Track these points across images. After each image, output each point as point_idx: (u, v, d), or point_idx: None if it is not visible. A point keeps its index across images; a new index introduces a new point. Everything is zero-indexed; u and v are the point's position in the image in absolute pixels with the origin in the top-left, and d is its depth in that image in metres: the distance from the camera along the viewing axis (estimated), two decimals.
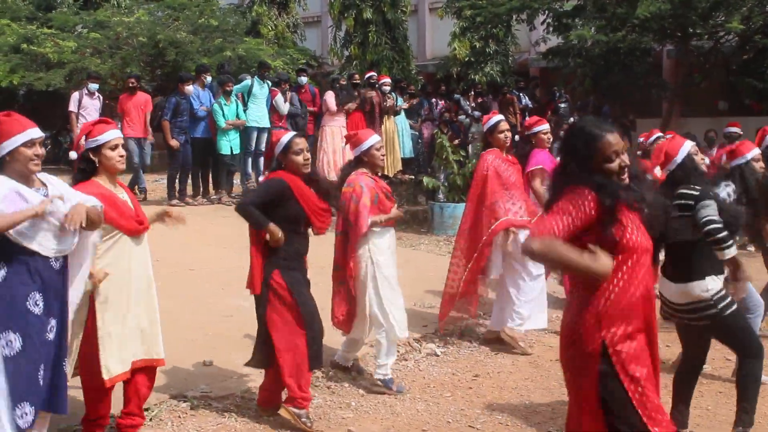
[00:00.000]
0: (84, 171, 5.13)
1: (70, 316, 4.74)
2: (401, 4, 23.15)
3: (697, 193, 5.32)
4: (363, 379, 6.95)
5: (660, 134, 11.79)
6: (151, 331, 5.29)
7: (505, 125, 8.01)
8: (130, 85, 14.38)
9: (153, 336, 5.30)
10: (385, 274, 6.60)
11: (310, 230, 6.07)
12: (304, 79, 15.99)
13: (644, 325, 3.59)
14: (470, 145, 17.11)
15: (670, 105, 18.81)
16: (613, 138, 3.62)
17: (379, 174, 6.92)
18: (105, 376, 5.03)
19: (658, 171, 5.78)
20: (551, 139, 8.96)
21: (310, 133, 15.51)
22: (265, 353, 5.92)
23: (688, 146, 5.50)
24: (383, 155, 6.83)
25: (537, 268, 7.92)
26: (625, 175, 3.62)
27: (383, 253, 6.63)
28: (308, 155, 5.94)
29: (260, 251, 5.84)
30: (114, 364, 5.06)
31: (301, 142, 5.91)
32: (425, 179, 15.49)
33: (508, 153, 8.09)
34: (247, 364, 6.14)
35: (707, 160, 5.96)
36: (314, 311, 5.89)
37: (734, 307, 5.42)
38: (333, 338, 6.82)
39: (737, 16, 15.12)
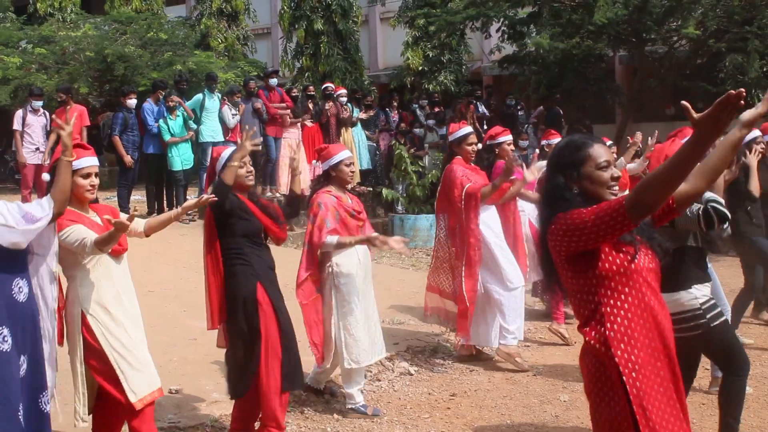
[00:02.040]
0: None
1: (47, 349, 4.54)
2: (352, 15, 22.99)
3: None
4: (337, 401, 6.69)
5: (610, 142, 11.73)
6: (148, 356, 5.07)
7: (473, 138, 7.79)
8: (59, 99, 13.90)
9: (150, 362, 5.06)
10: (347, 299, 6.35)
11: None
12: (274, 81, 15.62)
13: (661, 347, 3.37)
14: (426, 156, 16.96)
15: (625, 110, 18.85)
16: (604, 148, 3.41)
17: (348, 189, 6.68)
18: (132, 399, 4.78)
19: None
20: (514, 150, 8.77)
21: (279, 135, 15.13)
22: (243, 378, 5.54)
23: None
24: (353, 171, 6.57)
25: (515, 280, 7.72)
26: (617, 188, 3.40)
27: (347, 276, 6.36)
28: (251, 168, 5.63)
29: (219, 282, 5.51)
30: (139, 385, 4.83)
31: None
32: (384, 191, 15.33)
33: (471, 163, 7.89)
34: (231, 397, 5.74)
35: None
36: (292, 330, 5.59)
37: (723, 318, 5.22)
38: (304, 359, 6.53)
39: (692, 21, 15.17)
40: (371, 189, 16.41)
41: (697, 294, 5.11)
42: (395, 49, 23.98)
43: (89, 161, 4.86)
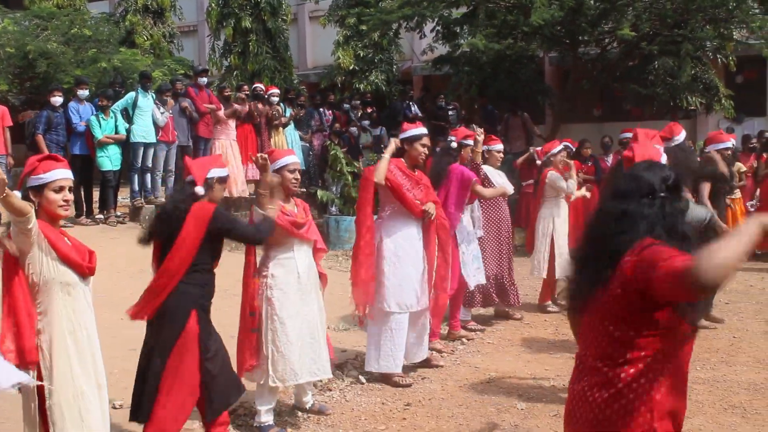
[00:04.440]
0: None
1: None
2: (281, 13, 22.64)
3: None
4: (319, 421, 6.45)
5: (568, 144, 11.74)
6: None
7: (427, 141, 7.40)
8: None
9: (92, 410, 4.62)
10: (278, 314, 5.99)
11: None
12: (204, 80, 15.23)
13: None
14: (362, 157, 16.76)
15: (556, 111, 18.93)
16: None
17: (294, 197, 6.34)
18: None
19: None
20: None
21: (208, 136, 14.78)
22: (143, 399, 5.24)
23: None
24: (296, 179, 6.18)
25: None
26: None
27: (281, 290, 6.01)
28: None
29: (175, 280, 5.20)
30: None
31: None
32: (319, 192, 15.06)
33: (416, 169, 7.42)
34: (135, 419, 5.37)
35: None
36: (218, 371, 5.28)
37: None
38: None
39: (626, 23, 15.30)
40: (304, 190, 16.11)
41: None
42: (325, 48, 23.74)
43: (62, 173, 4.47)
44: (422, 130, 7.46)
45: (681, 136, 6.98)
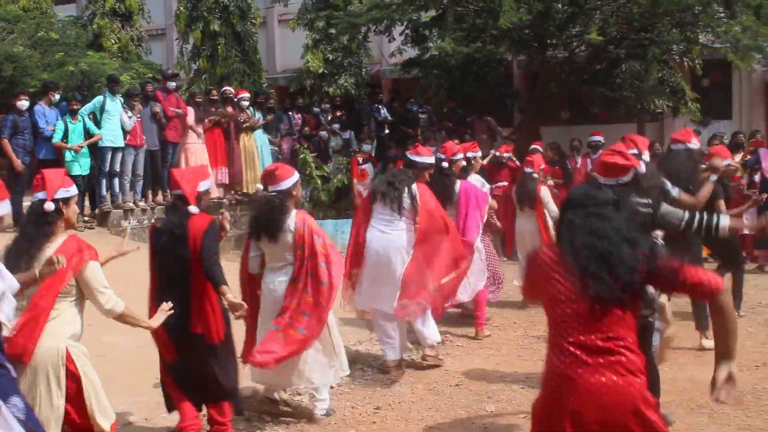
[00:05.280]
0: (51, 224, 4.70)
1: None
2: (250, 16, 22.55)
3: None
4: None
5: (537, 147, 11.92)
6: None
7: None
8: None
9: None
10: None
11: None
12: (173, 84, 15.11)
13: None
14: (331, 161, 16.73)
15: (525, 115, 18.99)
16: None
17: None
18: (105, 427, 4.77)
19: None
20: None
21: (176, 140, 14.68)
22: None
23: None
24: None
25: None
26: None
27: None
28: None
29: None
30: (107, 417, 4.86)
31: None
32: None
33: None
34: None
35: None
36: None
37: None
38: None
39: (594, 27, 15.39)
40: None
41: None
42: (293, 52, 23.61)
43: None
44: (433, 159, 8.07)
45: (694, 144, 7.33)
